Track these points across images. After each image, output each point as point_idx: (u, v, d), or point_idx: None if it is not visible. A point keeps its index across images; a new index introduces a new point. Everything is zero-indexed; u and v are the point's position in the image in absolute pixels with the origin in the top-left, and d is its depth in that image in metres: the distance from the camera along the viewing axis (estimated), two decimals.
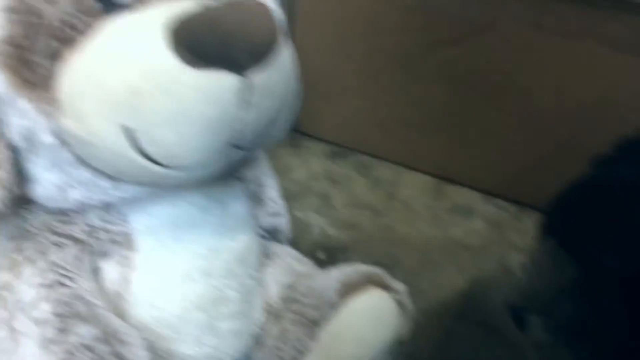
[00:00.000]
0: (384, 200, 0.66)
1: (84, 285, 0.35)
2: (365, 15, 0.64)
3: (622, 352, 0.30)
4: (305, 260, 0.51)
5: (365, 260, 0.49)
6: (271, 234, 0.51)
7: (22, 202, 0.35)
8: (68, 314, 0.34)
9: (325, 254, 0.58)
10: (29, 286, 0.35)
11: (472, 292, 0.55)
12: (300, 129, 0.75)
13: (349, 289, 0.44)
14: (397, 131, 0.68)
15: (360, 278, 0.45)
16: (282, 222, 0.51)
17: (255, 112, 0.29)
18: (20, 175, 0.33)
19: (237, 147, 0.31)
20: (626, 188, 0.31)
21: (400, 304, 0.47)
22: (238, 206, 0.41)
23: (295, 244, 0.59)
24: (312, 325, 0.43)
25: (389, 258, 0.59)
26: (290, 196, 0.65)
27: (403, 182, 0.69)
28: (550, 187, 0.62)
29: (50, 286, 0.35)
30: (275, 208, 0.49)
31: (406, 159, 0.70)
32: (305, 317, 0.43)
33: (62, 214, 0.36)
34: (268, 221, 0.49)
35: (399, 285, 0.47)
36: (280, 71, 0.31)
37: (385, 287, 0.46)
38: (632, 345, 0.30)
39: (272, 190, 0.49)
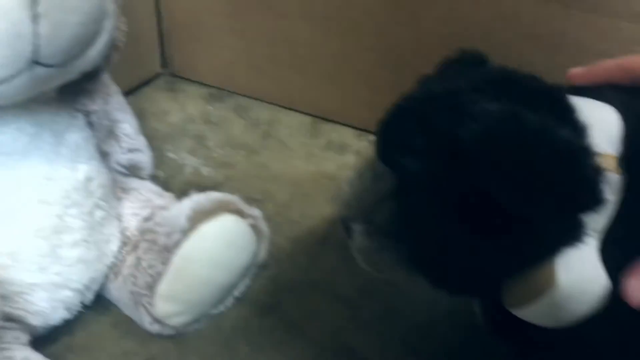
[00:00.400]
0: (260, 139, 0.67)
1: None
2: None
3: (433, 253, 0.33)
4: (166, 194, 0.52)
5: (237, 196, 0.50)
6: (130, 170, 0.51)
7: None
8: None
9: (196, 192, 0.59)
10: None
11: (334, 217, 0.58)
12: (176, 73, 0.75)
13: (201, 215, 0.45)
14: (271, 71, 0.69)
15: (212, 205, 0.46)
16: (141, 158, 0.51)
17: (47, 25, 0.30)
18: None
19: (38, 63, 0.31)
20: (428, 100, 0.33)
21: (255, 228, 0.49)
22: (77, 136, 0.41)
23: (166, 183, 0.60)
24: (164, 251, 0.44)
25: (261, 193, 0.60)
26: (164, 138, 0.66)
27: (280, 121, 0.70)
28: None
29: None
30: (132, 144, 0.50)
31: (283, 99, 0.71)
32: (158, 244, 0.44)
33: None
34: (125, 157, 0.50)
35: (254, 211, 0.49)
36: None
37: (239, 213, 0.47)
38: (438, 250, 0.32)
39: (127, 126, 0.50)
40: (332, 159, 0.66)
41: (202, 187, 0.59)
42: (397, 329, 0.49)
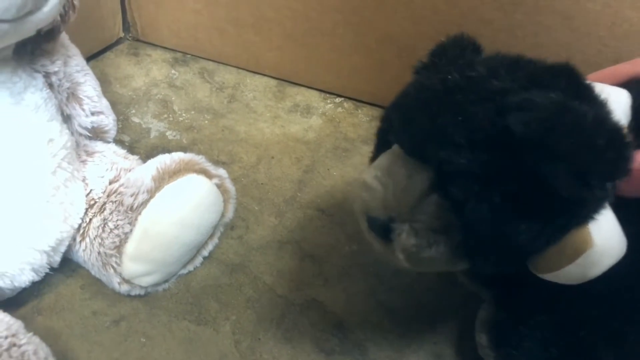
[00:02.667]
0: (225, 103, 0.67)
1: None
2: None
3: (482, 244, 0.32)
4: (132, 157, 0.52)
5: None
6: (94, 133, 0.51)
7: None
8: None
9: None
10: None
11: (303, 180, 0.59)
12: (139, 38, 0.74)
13: (166, 175, 0.46)
14: (235, 35, 0.68)
15: (178, 165, 0.47)
16: (105, 121, 0.51)
17: None
18: None
19: None
20: (455, 90, 0.32)
21: (222, 188, 0.49)
22: (36, 97, 0.41)
23: (131, 148, 0.60)
24: (130, 211, 0.44)
25: (228, 156, 0.61)
26: (128, 103, 0.65)
27: (245, 85, 0.70)
28: (378, 81, 0.65)
29: None
30: (95, 106, 0.50)
31: (248, 62, 0.71)
32: (124, 204, 0.45)
33: None
34: (88, 120, 0.50)
35: (220, 171, 0.50)
36: None
37: (205, 172, 0.48)
38: (493, 235, 0.31)
39: (89, 88, 0.49)
40: (298, 122, 0.66)
41: (167, 151, 0.59)
42: (361, 283, 0.50)
